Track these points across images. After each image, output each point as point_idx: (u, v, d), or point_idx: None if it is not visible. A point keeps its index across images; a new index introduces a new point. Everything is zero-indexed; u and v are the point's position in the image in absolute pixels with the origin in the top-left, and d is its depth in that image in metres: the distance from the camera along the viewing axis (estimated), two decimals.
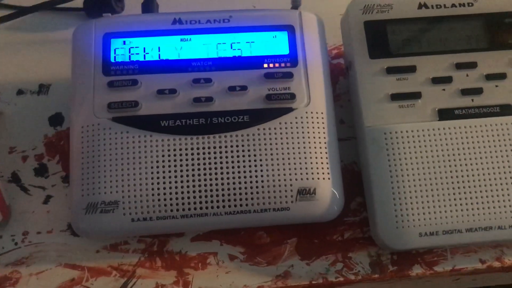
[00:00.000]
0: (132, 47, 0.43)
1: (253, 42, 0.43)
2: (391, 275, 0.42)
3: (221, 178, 0.40)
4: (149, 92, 0.42)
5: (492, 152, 0.41)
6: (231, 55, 0.43)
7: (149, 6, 0.48)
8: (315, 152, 0.41)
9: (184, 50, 0.43)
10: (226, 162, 0.40)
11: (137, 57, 0.43)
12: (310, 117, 0.42)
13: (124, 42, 0.43)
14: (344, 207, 0.42)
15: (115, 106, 0.41)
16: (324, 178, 0.40)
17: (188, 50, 0.43)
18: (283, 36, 0.44)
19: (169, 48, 0.43)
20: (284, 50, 0.43)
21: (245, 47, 0.43)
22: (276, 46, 0.43)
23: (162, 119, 0.41)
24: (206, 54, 0.43)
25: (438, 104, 0.42)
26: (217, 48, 0.43)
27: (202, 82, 0.42)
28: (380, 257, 0.42)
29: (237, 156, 0.40)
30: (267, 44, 0.43)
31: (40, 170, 0.45)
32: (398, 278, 0.42)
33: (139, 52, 0.43)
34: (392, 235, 0.40)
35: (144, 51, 0.43)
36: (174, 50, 0.43)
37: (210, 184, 0.40)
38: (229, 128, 0.41)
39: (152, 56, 0.43)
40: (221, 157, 0.40)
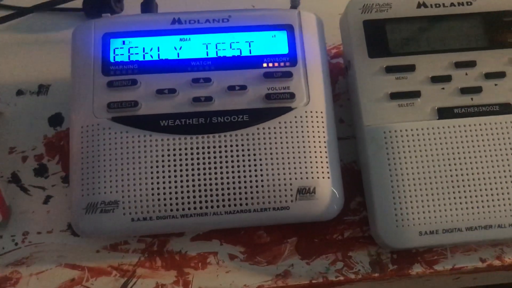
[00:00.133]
0: (132, 47, 0.43)
1: (252, 42, 0.43)
2: (391, 274, 0.42)
3: (220, 178, 0.40)
4: (148, 92, 0.42)
5: (492, 151, 0.41)
6: (231, 54, 0.43)
7: (148, 6, 0.48)
8: (315, 151, 0.41)
9: (183, 50, 0.43)
10: (226, 162, 0.40)
11: (136, 57, 0.43)
12: (310, 116, 0.42)
13: (124, 42, 0.43)
14: (344, 206, 0.42)
15: (115, 106, 0.41)
16: (323, 177, 0.40)
17: (188, 49, 0.43)
18: (282, 35, 0.44)
19: (168, 48, 0.43)
20: (284, 50, 0.43)
21: (244, 46, 0.43)
22: (275, 45, 0.43)
23: (162, 119, 0.41)
24: (205, 53, 0.43)
25: (437, 103, 0.42)
26: (216, 48, 0.43)
27: (202, 82, 0.42)
28: (380, 256, 0.42)
29: (236, 156, 0.40)
30: (266, 43, 0.43)
31: (40, 171, 0.45)
32: (398, 277, 0.42)
33: (139, 52, 0.43)
34: (392, 234, 0.40)
35: (144, 51, 0.43)
36: (173, 50, 0.43)
37: (210, 184, 0.40)
38: (228, 127, 0.41)
39: (152, 56, 0.43)
40: (220, 156, 0.40)
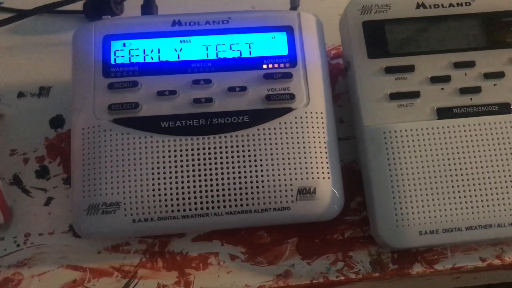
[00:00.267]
0: (132, 49, 0.43)
1: (252, 43, 0.43)
2: (392, 273, 0.42)
3: (221, 179, 0.40)
4: (149, 93, 0.42)
5: (491, 151, 0.41)
6: (231, 56, 0.43)
7: (148, 8, 0.49)
8: (315, 152, 0.41)
9: (183, 52, 0.43)
10: (227, 163, 0.40)
11: (137, 58, 0.43)
12: (310, 117, 0.42)
13: (124, 44, 0.43)
14: (344, 206, 0.42)
15: (116, 108, 0.41)
16: (324, 178, 0.41)
17: (188, 51, 0.43)
18: (282, 36, 0.44)
19: (168, 49, 0.43)
20: (283, 51, 0.44)
21: (244, 48, 0.43)
22: (275, 46, 0.44)
23: (162, 120, 0.41)
24: (205, 55, 0.43)
25: (436, 103, 0.43)
26: (216, 49, 0.43)
27: (202, 83, 0.42)
28: (380, 255, 0.43)
29: (237, 157, 0.40)
30: (266, 44, 0.44)
31: (41, 172, 0.45)
32: (398, 277, 0.42)
33: (139, 54, 0.43)
34: (392, 234, 0.40)
35: (144, 52, 0.43)
36: (173, 52, 0.43)
37: (211, 185, 0.40)
38: (229, 128, 0.41)
39: (152, 58, 0.43)
40: (221, 157, 0.40)
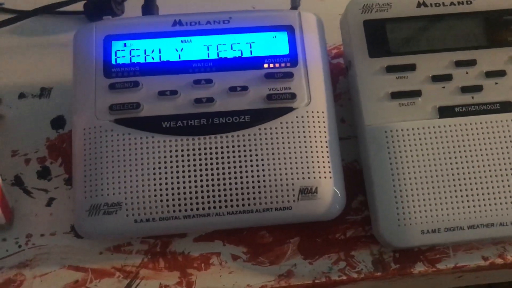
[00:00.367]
0: (133, 49, 0.43)
1: (253, 43, 0.43)
2: (394, 273, 0.42)
3: (223, 178, 0.40)
4: (150, 93, 0.42)
5: (493, 149, 0.41)
6: (232, 55, 0.43)
7: (149, 8, 0.49)
8: (316, 151, 0.41)
9: (184, 52, 0.43)
10: (228, 162, 0.40)
11: (138, 59, 0.43)
12: (311, 116, 0.42)
13: (125, 44, 0.43)
14: (346, 205, 0.42)
15: (117, 108, 0.41)
16: (325, 177, 0.41)
17: (189, 51, 0.43)
18: (283, 36, 0.44)
19: (169, 49, 0.43)
20: (284, 50, 0.44)
21: (245, 47, 0.43)
22: (276, 46, 0.44)
23: (164, 120, 0.41)
24: (206, 55, 0.43)
25: (438, 102, 0.43)
26: (217, 49, 0.43)
27: (203, 83, 0.42)
28: (382, 255, 0.42)
29: (238, 156, 0.40)
30: (267, 44, 0.44)
31: (42, 173, 0.45)
32: (400, 276, 0.42)
33: (140, 54, 0.43)
34: (394, 233, 0.40)
35: (145, 53, 0.43)
36: (174, 52, 0.43)
37: (212, 185, 0.40)
38: (230, 128, 0.41)
39: (153, 58, 0.43)
40: (222, 157, 0.40)
